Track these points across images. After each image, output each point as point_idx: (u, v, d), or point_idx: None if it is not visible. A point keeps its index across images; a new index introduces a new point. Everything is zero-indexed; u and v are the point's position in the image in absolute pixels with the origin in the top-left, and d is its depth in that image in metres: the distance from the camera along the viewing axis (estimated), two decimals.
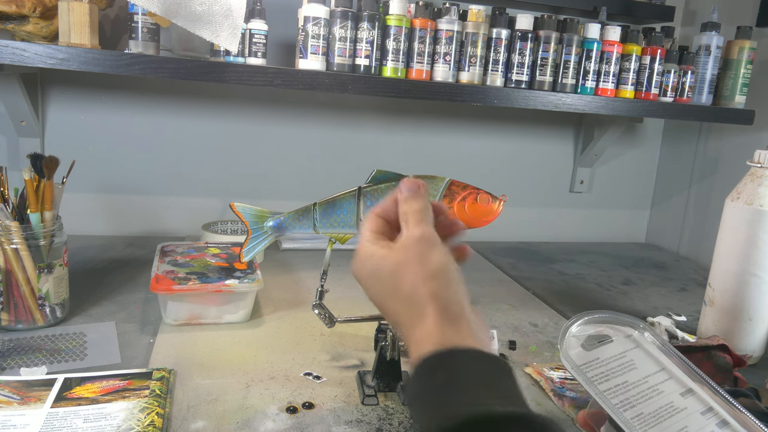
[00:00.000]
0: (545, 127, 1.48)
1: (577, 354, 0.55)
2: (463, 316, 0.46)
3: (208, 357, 0.74)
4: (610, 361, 0.56)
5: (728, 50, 1.23)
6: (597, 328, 0.58)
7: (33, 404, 0.60)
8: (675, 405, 0.54)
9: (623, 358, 0.56)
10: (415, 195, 0.54)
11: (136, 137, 1.22)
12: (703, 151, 1.46)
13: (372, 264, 0.53)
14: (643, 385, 0.54)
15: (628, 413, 0.51)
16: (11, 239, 0.74)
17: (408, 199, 0.54)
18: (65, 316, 0.82)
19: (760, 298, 0.82)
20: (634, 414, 0.51)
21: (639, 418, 0.51)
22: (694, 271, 1.35)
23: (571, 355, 0.55)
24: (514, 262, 1.29)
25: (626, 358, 0.57)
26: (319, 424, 0.62)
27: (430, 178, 0.68)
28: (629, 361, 0.56)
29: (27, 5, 0.89)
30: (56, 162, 0.78)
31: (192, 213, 1.28)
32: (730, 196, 0.84)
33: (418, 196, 0.54)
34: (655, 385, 0.55)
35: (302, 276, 1.07)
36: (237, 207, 0.71)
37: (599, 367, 0.55)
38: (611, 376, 0.54)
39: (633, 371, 0.55)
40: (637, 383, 0.54)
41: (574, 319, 0.57)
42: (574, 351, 0.55)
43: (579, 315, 0.57)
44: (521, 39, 1.09)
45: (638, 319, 0.60)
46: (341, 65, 1.02)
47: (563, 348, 0.55)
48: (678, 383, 0.56)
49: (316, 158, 1.34)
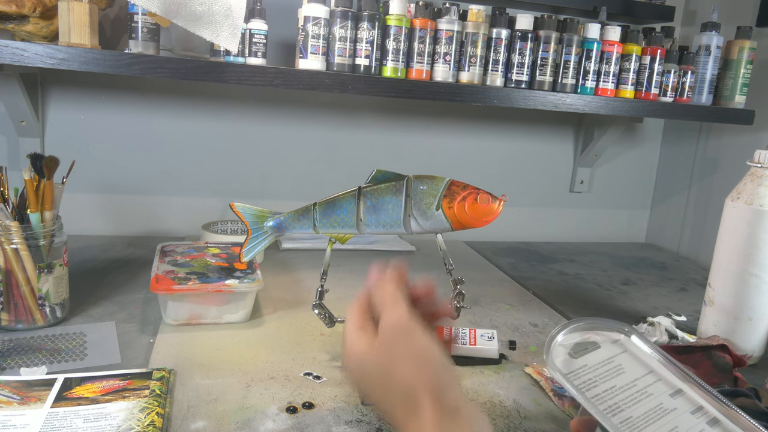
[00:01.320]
0: (545, 127, 1.48)
1: (563, 362, 0.55)
2: (459, 411, 0.44)
3: (208, 357, 0.74)
4: (597, 367, 0.56)
5: (728, 50, 1.23)
6: (583, 335, 0.58)
7: (33, 404, 0.60)
8: (664, 406, 0.54)
9: (611, 364, 0.56)
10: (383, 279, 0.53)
11: (136, 137, 1.22)
12: (703, 151, 1.46)
13: (356, 361, 0.50)
14: (632, 388, 0.54)
15: (616, 418, 0.51)
16: (11, 239, 0.74)
17: (378, 285, 0.52)
18: (65, 316, 0.82)
19: (760, 298, 0.82)
20: (622, 418, 0.51)
21: (628, 422, 0.51)
22: (694, 271, 1.35)
23: (557, 364, 0.54)
24: (514, 262, 1.29)
25: (614, 363, 0.56)
26: (319, 424, 0.62)
27: (430, 178, 0.68)
28: (617, 365, 0.56)
29: (27, 5, 0.89)
30: (56, 162, 0.78)
31: (192, 213, 1.28)
32: (730, 196, 0.84)
33: (386, 279, 0.53)
34: (644, 388, 0.55)
35: (302, 276, 1.07)
36: (237, 207, 0.71)
37: (587, 374, 0.55)
38: (599, 382, 0.54)
39: (621, 375, 0.55)
40: (625, 387, 0.54)
41: (559, 328, 0.57)
42: (560, 359, 0.55)
43: (564, 324, 0.57)
44: (521, 39, 1.09)
45: (623, 324, 0.59)
46: (341, 65, 1.02)
47: (549, 358, 0.55)
48: (667, 384, 0.56)
49: (316, 158, 1.34)
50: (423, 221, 0.68)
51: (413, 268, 1.15)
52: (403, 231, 0.69)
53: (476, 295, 1.05)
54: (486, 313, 0.97)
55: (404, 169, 0.69)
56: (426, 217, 0.67)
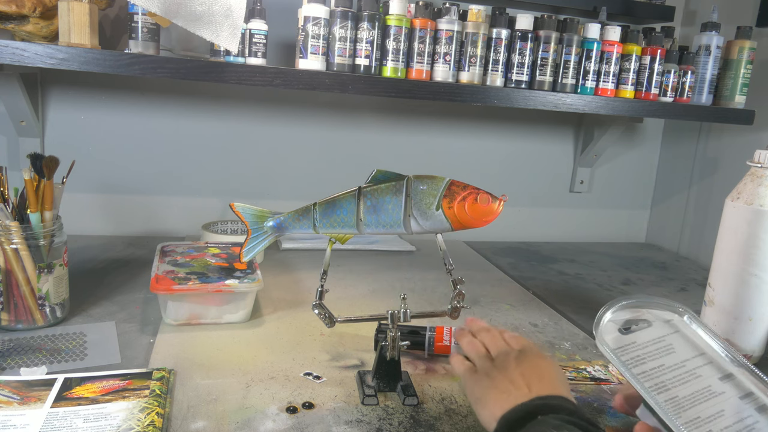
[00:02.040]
0: (545, 127, 1.48)
1: (613, 338, 0.55)
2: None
3: (208, 357, 0.74)
4: (647, 345, 0.55)
5: (728, 50, 1.23)
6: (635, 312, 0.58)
7: (33, 404, 0.60)
8: (713, 389, 0.53)
9: (661, 343, 0.56)
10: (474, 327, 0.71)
11: (136, 137, 1.22)
12: (703, 151, 1.46)
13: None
14: (680, 369, 0.54)
15: (661, 396, 0.51)
16: (11, 239, 0.74)
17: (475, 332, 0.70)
18: (65, 316, 0.82)
19: (760, 298, 0.82)
20: (668, 397, 0.51)
21: (673, 401, 0.51)
22: (694, 271, 1.35)
23: (606, 340, 0.54)
24: (514, 262, 1.29)
25: (664, 342, 0.56)
26: (319, 424, 0.62)
27: (430, 178, 0.68)
28: (668, 345, 0.56)
29: (27, 5, 0.89)
30: (56, 162, 0.78)
31: (192, 213, 1.28)
32: (730, 196, 0.84)
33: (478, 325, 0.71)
34: (693, 369, 0.54)
35: (302, 276, 1.07)
36: (237, 207, 0.71)
37: (635, 350, 0.55)
38: (648, 360, 0.54)
39: (671, 355, 0.55)
40: (673, 367, 0.54)
41: (610, 304, 0.57)
42: (610, 336, 0.55)
43: (614, 300, 0.57)
44: (521, 39, 1.09)
45: (677, 303, 0.59)
46: (341, 65, 1.02)
47: (599, 332, 0.55)
48: (717, 368, 0.55)
49: (316, 158, 1.34)
50: (423, 221, 0.68)
51: (413, 268, 1.16)
52: (403, 231, 0.69)
53: (476, 295, 1.05)
54: (486, 313, 0.97)
55: (404, 169, 0.69)
56: (426, 217, 0.67)
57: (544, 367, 0.61)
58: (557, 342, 0.88)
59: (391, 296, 1.00)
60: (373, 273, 1.11)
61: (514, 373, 0.59)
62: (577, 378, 0.76)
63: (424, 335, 0.79)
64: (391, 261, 1.21)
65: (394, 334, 0.68)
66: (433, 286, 1.07)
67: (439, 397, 0.69)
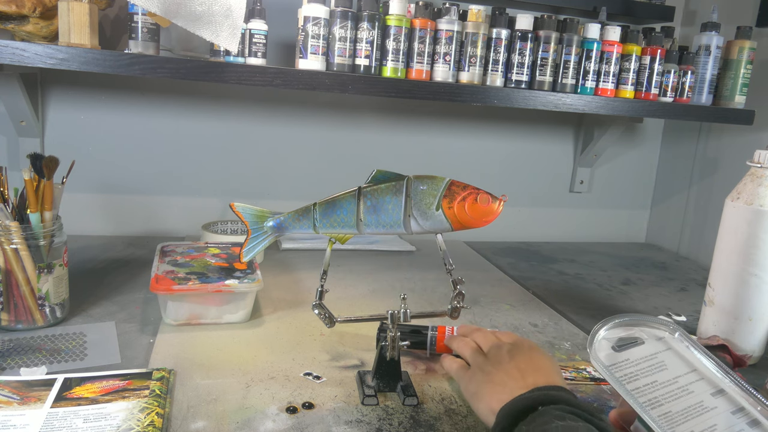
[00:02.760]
0: (545, 127, 1.48)
1: (607, 355, 0.56)
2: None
3: (208, 357, 0.74)
4: (640, 362, 0.56)
5: (728, 50, 1.23)
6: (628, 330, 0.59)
7: (33, 404, 0.60)
8: (705, 404, 0.54)
9: (654, 359, 0.57)
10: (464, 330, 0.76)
11: (136, 137, 1.22)
12: (703, 151, 1.46)
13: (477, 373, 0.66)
14: (673, 385, 0.55)
15: (655, 411, 0.52)
16: (11, 239, 0.74)
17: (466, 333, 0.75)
18: (65, 316, 0.82)
19: (760, 298, 0.82)
20: (661, 412, 0.52)
21: (666, 416, 0.52)
22: (694, 271, 1.35)
23: (600, 357, 0.55)
24: (514, 262, 1.29)
25: (657, 359, 0.57)
26: (319, 424, 0.62)
27: (430, 178, 0.68)
28: (660, 362, 0.57)
29: (27, 5, 0.89)
30: (56, 162, 0.78)
31: (192, 213, 1.28)
32: (730, 196, 0.84)
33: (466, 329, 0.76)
34: (686, 386, 0.55)
35: (302, 276, 1.07)
36: (237, 207, 0.71)
37: (628, 367, 0.55)
38: (640, 376, 0.55)
39: (663, 372, 0.56)
40: (666, 383, 0.55)
41: (603, 322, 0.58)
42: (604, 353, 0.56)
43: (608, 319, 0.58)
44: (521, 39, 1.09)
45: (668, 321, 0.60)
46: (341, 65, 1.02)
47: (593, 350, 0.56)
48: (709, 384, 0.56)
49: (316, 158, 1.34)
50: (423, 221, 0.68)
51: (413, 268, 1.16)
52: (403, 231, 0.69)
53: (476, 295, 1.05)
54: (486, 313, 0.97)
55: (404, 169, 0.69)
56: (426, 217, 0.67)
57: (537, 359, 0.62)
58: (557, 342, 0.88)
59: (391, 296, 1.00)
60: (373, 273, 1.12)
61: (509, 365, 0.60)
62: (577, 378, 0.76)
63: (425, 334, 0.79)
64: (391, 261, 1.21)
65: (393, 334, 0.68)
66: (433, 286, 1.07)
67: (439, 397, 0.69)
